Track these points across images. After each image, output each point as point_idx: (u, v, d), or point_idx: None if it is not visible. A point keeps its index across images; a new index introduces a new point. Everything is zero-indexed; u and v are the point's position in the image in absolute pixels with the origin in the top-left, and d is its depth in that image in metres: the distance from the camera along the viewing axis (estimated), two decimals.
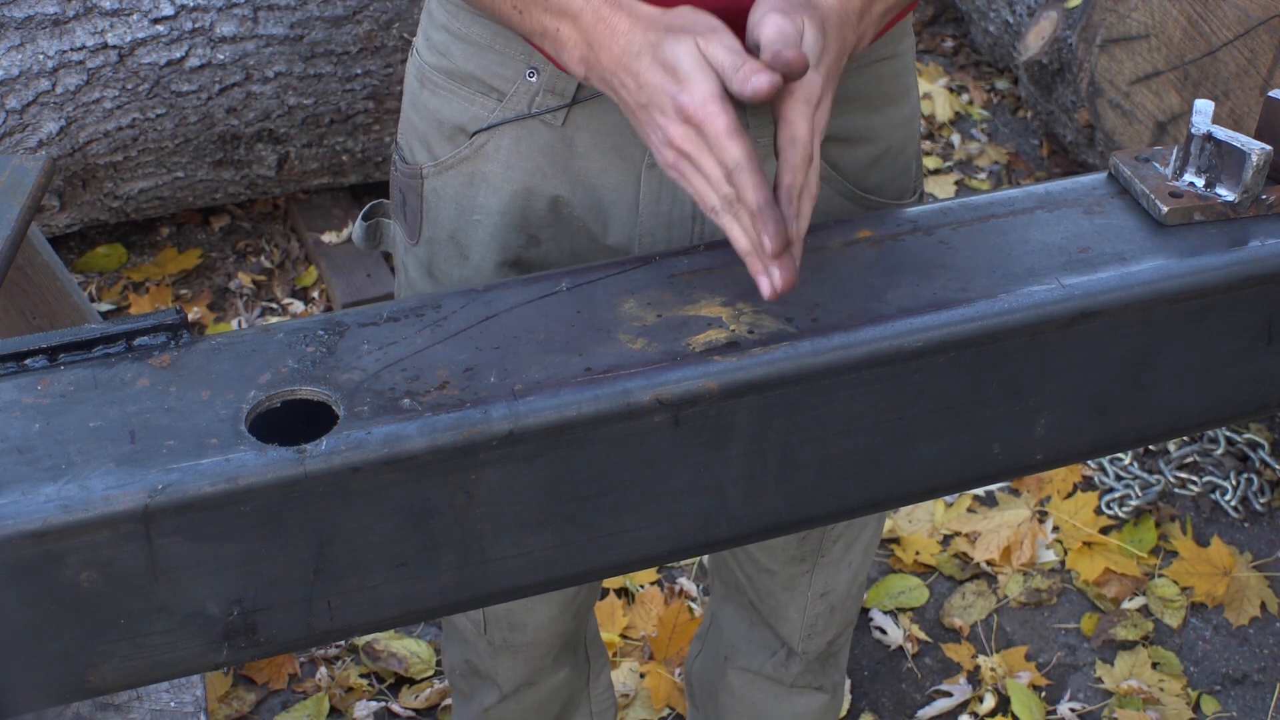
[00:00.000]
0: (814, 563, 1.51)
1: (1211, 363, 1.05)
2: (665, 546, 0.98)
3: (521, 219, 1.22)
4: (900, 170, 1.30)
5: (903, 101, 1.28)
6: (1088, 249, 1.02)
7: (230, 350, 0.92)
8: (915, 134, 1.32)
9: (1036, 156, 3.56)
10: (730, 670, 1.71)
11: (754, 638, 1.65)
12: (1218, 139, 1.04)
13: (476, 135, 1.21)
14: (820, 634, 1.62)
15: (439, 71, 1.23)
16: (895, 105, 1.27)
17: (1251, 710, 2.24)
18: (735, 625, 1.66)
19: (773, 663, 1.67)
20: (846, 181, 1.24)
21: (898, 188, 1.30)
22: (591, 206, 1.20)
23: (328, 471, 0.84)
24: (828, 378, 0.94)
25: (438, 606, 0.95)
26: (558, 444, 0.89)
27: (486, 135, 1.21)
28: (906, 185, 1.31)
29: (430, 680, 2.26)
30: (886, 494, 1.03)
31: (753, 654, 1.67)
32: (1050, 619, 2.38)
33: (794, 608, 1.58)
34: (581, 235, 1.23)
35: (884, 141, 1.26)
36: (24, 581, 0.82)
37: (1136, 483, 2.57)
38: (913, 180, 1.33)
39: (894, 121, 1.27)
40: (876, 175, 1.27)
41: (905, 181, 1.31)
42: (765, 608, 1.61)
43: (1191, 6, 2.54)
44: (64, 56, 2.65)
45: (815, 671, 1.68)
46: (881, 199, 1.28)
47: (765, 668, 1.68)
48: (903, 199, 1.30)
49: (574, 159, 1.18)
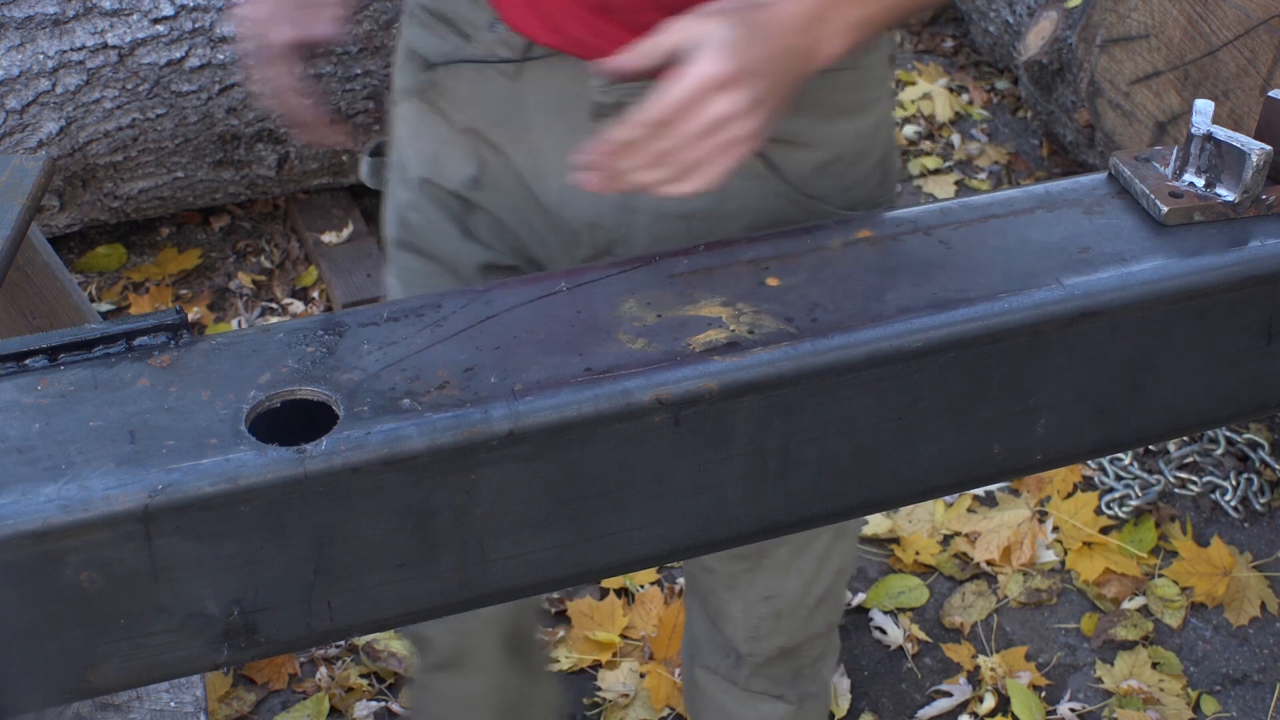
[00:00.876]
0: (755, 563, 1.49)
1: (1211, 363, 1.05)
2: (665, 546, 0.98)
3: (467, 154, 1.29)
4: (855, 182, 1.30)
5: (861, 114, 1.29)
6: (1088, 249, 1.02)
7: (230, 350, 0.92)
8: (880, 148, 1.33)
9: (1036, 156, 3.56)
10: (696, 668, 1.73)
11: (711, 636, 1.66)
12: (1218, 139, 1.04)
13: (438, 68, 1.29)
14: (766, 639, 1.59)
15: (420, 6, 1.31)
16: (850, 117, 1.28)
17: (1251, 710, 2.24)
18: (698, 622, 1.67)
19: (726, 664, 1.67)
20: (784, 183, 1.26)
21: (851, 199, 1.30)
22: (531, 162, 1.26)
23: (328, 471, 0.84)
24: (828, 378, 0.94)
25: (438, 606, 0.95)
26: (558, 444, 0.89)
27: (445, 71, 1.29)
28: (864, 198, 1.32)
29: None
30: (886, 494, 1.03)
31: (710, 652, 1.68)
32: (1050, 619, 2.38)
33: (736, 608, 1.57)
34: (519, 189, 1.28)
35: (831, 150, 1.27)
36: (24, 581, 0.82)
37: (1136, 483, 2.57)
38: (871, 193, 1.33)
39: (846, 133, 1.28)
40: (824, 182, 1.28)
41: (862, 194, 1.32)
42: (709, 606, 1.61)
43: (1191, 6, 2.54)
44: (64, 56, 2.65)
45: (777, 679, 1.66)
46: (828, 206, 1.29)
47: (720, 668, 1.68)
48: (856, 209, 1.31)
49: (521, 112, 1.23)
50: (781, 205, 1.27)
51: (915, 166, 3.54)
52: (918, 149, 3.61)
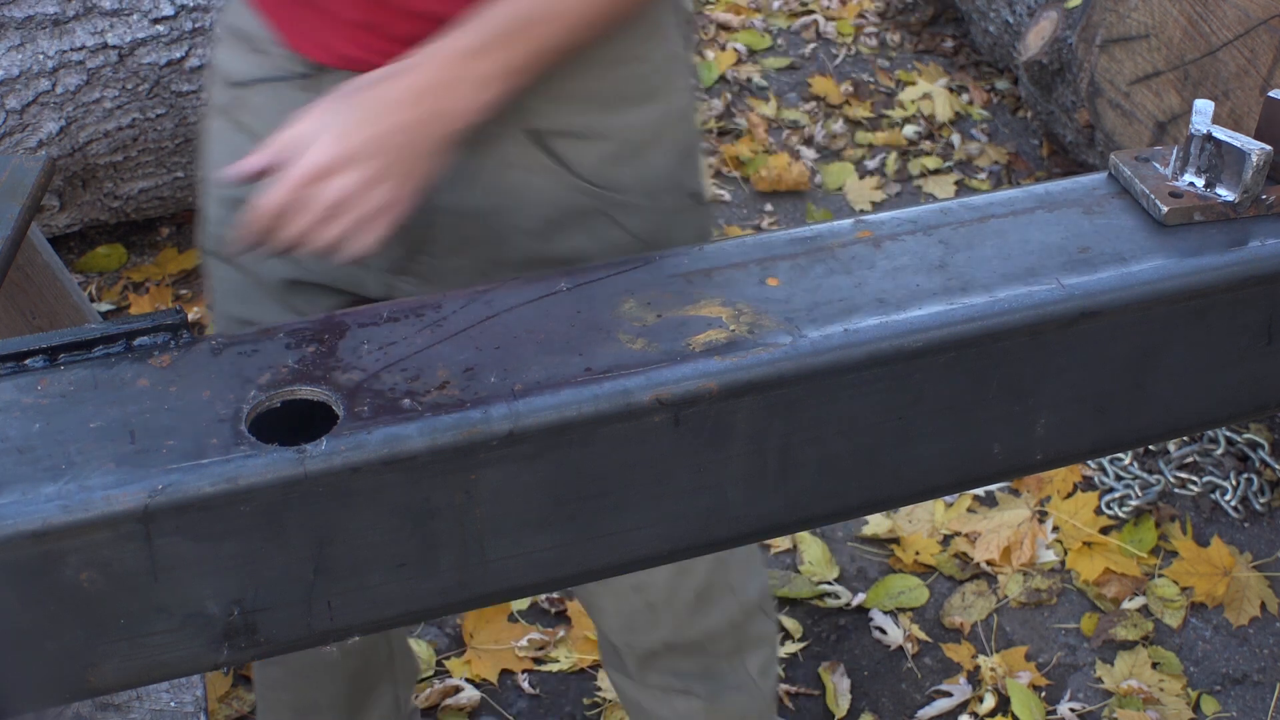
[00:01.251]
0: None
1: (1212, 363, 1.05)
2: (665, 546, 0.98)
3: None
4: (653, 171, 1.34)
5: (649, 103, 1.33)
6: (1088, 249, 1.02)
7: (230, 350, 0.92)
8: (677, 134, 1.36)
9: (1036, 156, 3.56)
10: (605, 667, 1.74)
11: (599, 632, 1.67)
12: (1218, 139, 1.04)
13: (241, 86, 1.35)
14: (643, 631, 1.59)
15: (223, 25, 1.36)
16: (638, 106, 1.32)
17: (1251, 710, 2.24)
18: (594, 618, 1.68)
19: (614, 659, 1.67)
20: (574, 176, 1.30)
21: (651, 187, 1.35)
22: None
23: (328, 471, 0.84)
24: (828, 378, 0.94)
25: (438, 606, 0.95)
26: (558, 444, 0.89)
27: (248, 89, 1.34)
28: (667, 186, 1.36)
29: (430, 680, 2.26)
30: (886, 494, 1.03)
31: (603, 648, 1.69)
32: (1050, 619, 2.38)
33: (607, 600, 1.57)
34: None
35: (620, 140, 1.31)
36: (24, 581, 0.82)
37: (1136, 483, 2.57)
38: (674, 181, 1.36)
39: (634, 122, 1.32)
40: (616, 172, 1.32)
41: (663, 183, 1.35)
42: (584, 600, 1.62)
43: (1191, 6, 2.54)
44: (64, 56, 2.65)
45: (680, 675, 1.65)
46: (624, 197, 1.33)
47: (613, 663, 1.68)
48: (658, 197, 1.36)
49: None
50: (574, 197, 1.31)
51: (915, 166, 3.54)
52: (918, 149, 3.61)
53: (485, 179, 1.29)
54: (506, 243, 1.32)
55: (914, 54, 4.02)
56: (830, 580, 2.44)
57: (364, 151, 1.12)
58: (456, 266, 1.34)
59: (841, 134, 3.68)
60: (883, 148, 3.62)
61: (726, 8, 4.22)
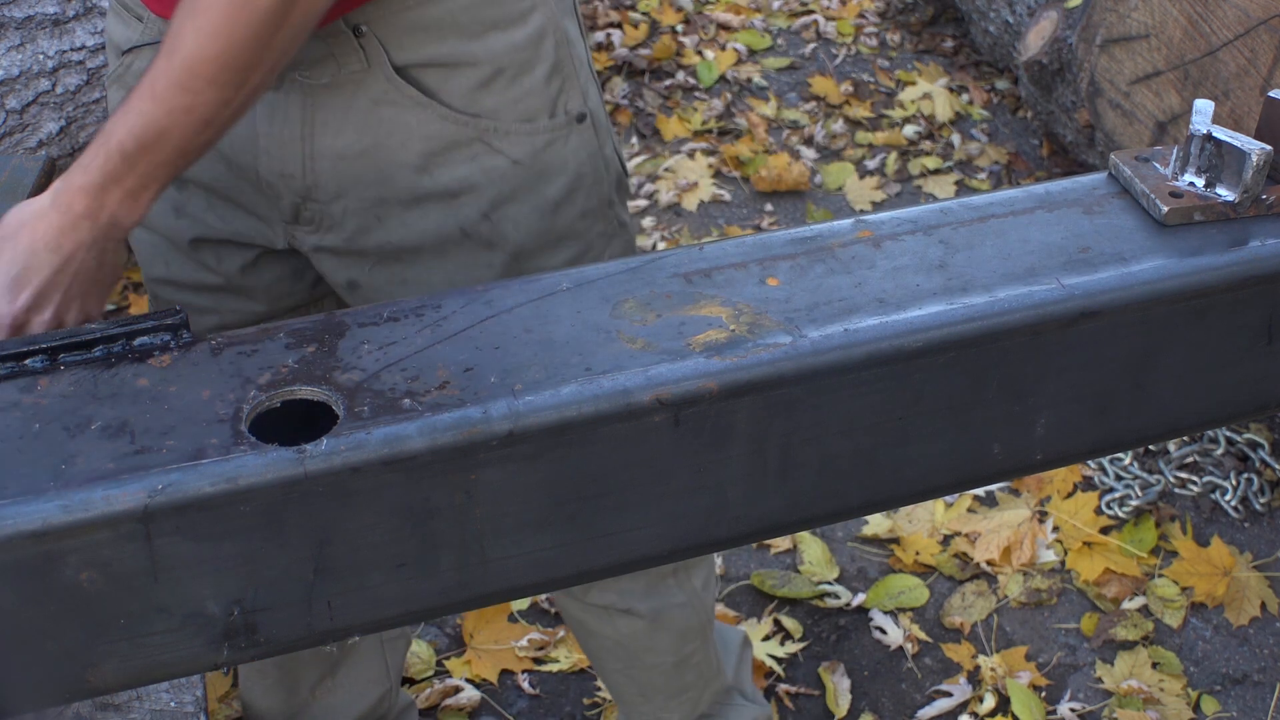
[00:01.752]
0: None
1: (1212, 363, 1.05)
2: (665, 546, 0.98)
3: None
4: (525, 94, 1.36)
5: (515, 26, 1.35)
6: (1088, 249, 1.02)
7: (230, 350, 0.92)
8: (547, 56, 1.38)
9: (1036, 156, 3.56)
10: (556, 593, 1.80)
11: None
12: (1218, 139, 1.04)
13: (127, 53, 1.40)
14: None
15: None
16: (503, 30, 1.34)
17: (1251, 710, 2.24)
18: None
19: None
20: (444, 106, 1.33)
21: (525, 111, 1.37)
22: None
23: (328, 471, 0.84)
24: (828, 378, 0.94)
25: (438, 606, 0.95)
26: (558, 444, 0.89)
27: (134, 55, 1.39)
28: (541, 108, 1.38)
29: (430, 680, 2.26)
30: (886, 494, 1.03)
31: None
32: (1050, 619, 2.38)
33: None
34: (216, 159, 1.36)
35: (489, 65, 1.33)
36: (24, 581, 0.82)
37: (1136, 483, 2.57)
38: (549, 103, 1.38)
39: (501, 46, 1.34)
40: (488, 99, 1.34)
41: (537, 105, 1.37)
42: None
43: (1191, 6, 2.54)
44: (64, 56, 2.65)
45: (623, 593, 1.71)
46: (497, 123, 1.35)
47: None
48: (534, 120, 1.37)
49: None
50: (447, 128, 1.34)
51: (915, 166, 3.54)
52: (918, 149, 3.61)
53: (357, 119, 1.32)
54: (389, 180, 1.35)
55: (914, 54, 4.02)
56: (830, 580, 2.44)
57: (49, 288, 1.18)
58: (344, 209, 1.37)
59: (841, 134, 3.68)
60: (883, 148, 3.62)
61: (726, 8, 4.22)
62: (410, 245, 1.38)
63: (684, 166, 3.54)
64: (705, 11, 4.21)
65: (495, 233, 1.39)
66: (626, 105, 3.74)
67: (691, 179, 3.49)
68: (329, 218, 1.38)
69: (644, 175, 3.51)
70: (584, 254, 1.45)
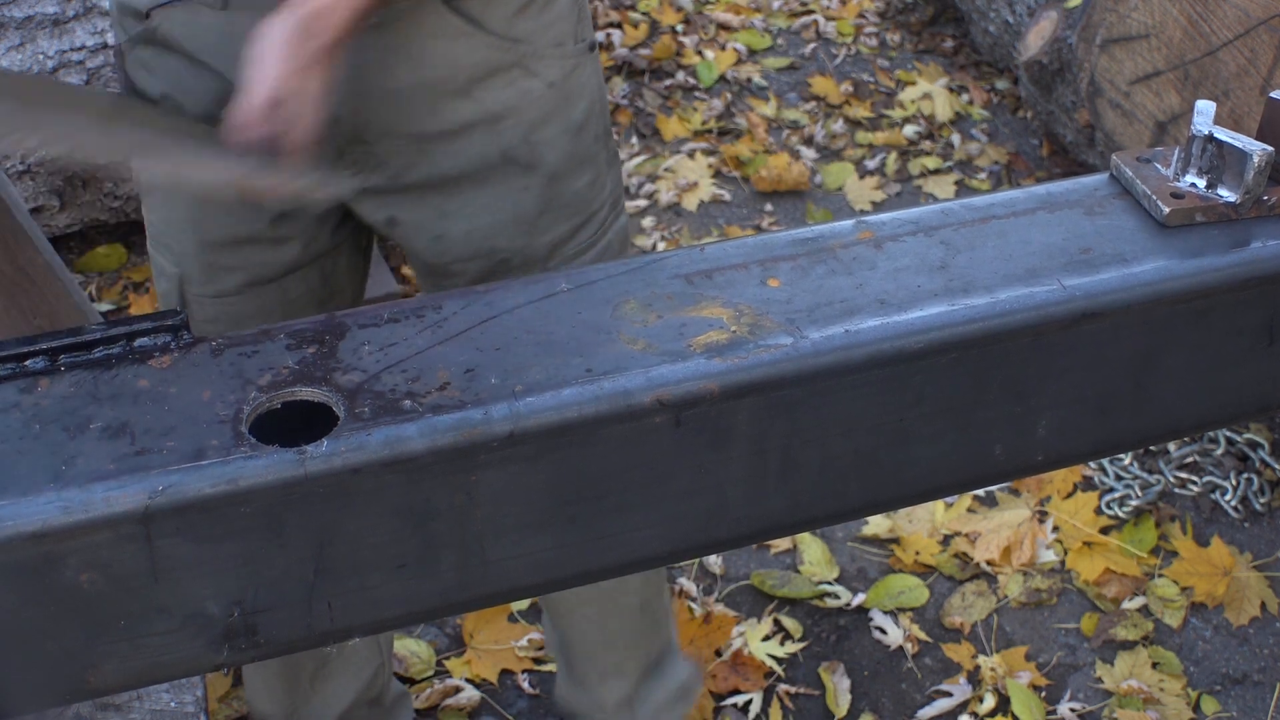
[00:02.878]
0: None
1: (1213, 364, 1.05)
2: (666, 547, 0.98)
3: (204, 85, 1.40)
4: (554, 19, 1.45)
5: None
6: (1089, 250, 1.02)
7: (231, 351, 0.92)
8: None
9: (1036, 156, 3.56)
10: None
11: None
12: (1219, 140, 1.04)
13: (152, 13, 1.40)
14: None
15: None
16: None
17: (1251, 710, 2.24)
18: None
19: None
20: (488, 33, 1.40)
21: (554, 36, 1.45)
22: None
23: (328, 473, 0.84)
24: (829, 379, 0.93)
25: (438, 607, 0.95)
26: (558, 445, 0.89)
27: (160, 14, 1.40)
28: (567, 34, 1.47)
29: (430, 680, 2.26)
30: (887, 495, 1.03)
31: None
32: (1050, 619, 2.38)
33: None
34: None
35: None
36: (24, 582, 0.82)
37: (1136, 483, 2.57)
38: (572, 29, 1.48)
39: None
40: (524, 25, 1.42)
41: (563, 30, 1.46)
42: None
43: (1191, 6, 2.54)
44: (64, 56, 2.65)
45: None
46: (533, 46, 1.43)
47: None
48: (563, 45, 1.46)
49: (233, 41, 1.30)
50: (489, 55, 1.41)
51: (915, 166, 3.54)
52: (918, 149, 3.61)
53: (409, 55, 1.37)
54: (437, 112, 1.40)
55: (914, 54, 4.02)
56: (830, 580, 2.44)
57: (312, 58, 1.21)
58: (390, 147, 1.41)
59: (841, 134, 3.68)
60: (883, 148, 3.62)
61: (726, 8, 4.22)
62: (454, 175, 1.44)
63: (684, 166, 3.54)
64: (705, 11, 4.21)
65: (534, 155, 1.45)
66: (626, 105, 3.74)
67: (691, 179, 3.49)
68: (373, 158, 1.42)
69: (644, 175, 3.51)
70: (596, 179, 1.53)
